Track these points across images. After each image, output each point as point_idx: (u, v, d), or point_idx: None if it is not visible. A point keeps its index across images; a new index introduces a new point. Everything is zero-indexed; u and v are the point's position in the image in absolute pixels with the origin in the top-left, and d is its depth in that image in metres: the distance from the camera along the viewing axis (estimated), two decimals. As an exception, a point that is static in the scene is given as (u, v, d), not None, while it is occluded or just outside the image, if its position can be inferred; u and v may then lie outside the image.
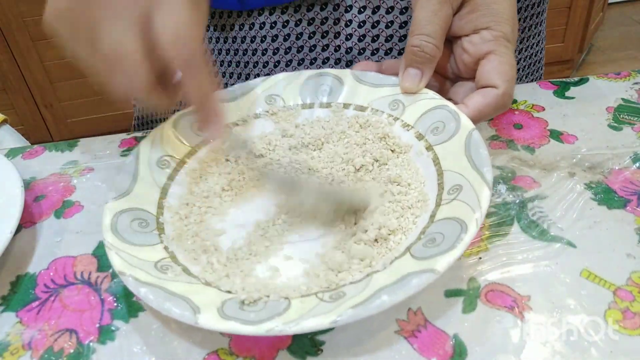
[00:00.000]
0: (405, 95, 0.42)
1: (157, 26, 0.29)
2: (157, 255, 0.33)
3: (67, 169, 0.47)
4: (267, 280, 0.33)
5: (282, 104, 0.45)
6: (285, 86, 0.45)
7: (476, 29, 0.39)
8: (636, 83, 0.51)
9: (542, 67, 0.62)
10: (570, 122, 0.46)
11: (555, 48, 1.97)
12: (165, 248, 0.34)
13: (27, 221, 0.42)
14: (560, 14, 1.91)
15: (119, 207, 0.35)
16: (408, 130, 0.41)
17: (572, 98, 0.50)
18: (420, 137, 0.40)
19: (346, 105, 0.44)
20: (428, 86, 0.41)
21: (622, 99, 0.49)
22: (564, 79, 0.52)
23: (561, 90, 0.51)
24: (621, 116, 0.47)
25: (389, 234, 0.34)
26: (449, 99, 0.40)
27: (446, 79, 0.44)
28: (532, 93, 0.50)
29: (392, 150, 0.40)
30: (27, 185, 0.45)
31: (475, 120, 0.38)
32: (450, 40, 0.42)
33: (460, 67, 0.42)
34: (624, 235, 0.36)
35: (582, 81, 0.52)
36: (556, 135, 0.45)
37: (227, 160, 0.42)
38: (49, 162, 0.48)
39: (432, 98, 0.40)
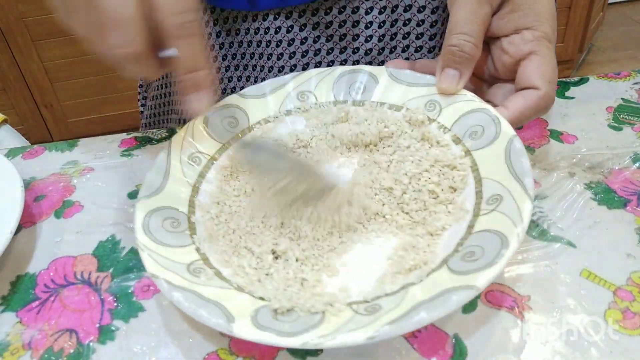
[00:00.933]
0: (442, 96, 0.40)
1: None
2: (189, 257, 0.33)
3: (67, 169, 0.47)
4: (299, 285, 0.32)
5: (314, 101, 0.44)
6: (318, 83, 0.44)
7: (517, 29, 0.38)
8: (636, 83, 0.51)
9: None
10: (570, 122, 0.46)
11: (555, 48, 1.97)
12: (197, 249, 0.34)
13: (27, 221, 0.42)
14: (560, 14, 1.91)
15: (151, 205, 0.35)
16: (445, 133, 0.39)
17: (572, 98, 0.50)
18: (457, 140, 0.38)
19: (380, 104, 0.43)
20: (464, 88, 0.40)
21: (622, 99, 0.49)
22: (564, 79, 0.52)
23: (561, 90, 0.51)
24: (621, 116, 0.47)
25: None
26: (487, 102, 0.39)
27: (483, 81, 0.43)
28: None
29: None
30: (27, 185, 0.45)
31: (516, 122, 0.37)
32: (488, 42, 0.41)
33: (498, 69, 0.41)
34: (624, 235, 0.36)
35: (582, 81, 0.52)
36: (556, 135, 0.45)
37: None
38: (49, 162, 0.48)
39: (470, 100, 0.39)
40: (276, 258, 0.34)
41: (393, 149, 0.40)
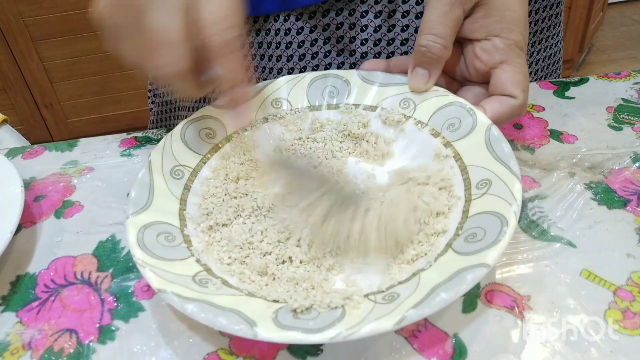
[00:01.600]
0: (415, 93, 0.41)
1: (203, 11, 0.32)
2: (192, 269, 0.32)
3: (67, 169, 0.47)
4: (308, 285, 0.32)
5: (289, 107, 0.44)
6: (290, 89, 0.45)
7: (488, 35, 0.39)
8: (636, 83, 0.51)
9: (560, 67, 0.62)
10: (570, 122, 0.46)
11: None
12: (198, 261, 0.33)
13: (27, 221, 0.42)
14: (560, 14, 1.90)
15: (141, 221, 0.34)
16: (422, 128, 0.40)
17: (572, 98, 0.50)
18: (436, 134, 0.39)
19: (355, 106, 0.43)
20: (436, 85, 0.41)
21: (622, 99, 0.49)
22: (564, 79, 0.52)
23: (561, 90, 0.51)
24: (621, 116, 0.47)
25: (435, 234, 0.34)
26: None
27: (454, 80, 0.44)
28: (532, 93, 0.50)
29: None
30: (27, 185, 0.45)
31: None
32: (461, 42, 0.41)
33: (470, 72, 0.41)
34: (624, 235, 0.36)
35: (582, 81, 0.52)
36: (556, 135, 0.45)
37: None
38: (49, 162, 0.48)
39: (443, 95, 0.40)
40: (282, 262, 0.34)
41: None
